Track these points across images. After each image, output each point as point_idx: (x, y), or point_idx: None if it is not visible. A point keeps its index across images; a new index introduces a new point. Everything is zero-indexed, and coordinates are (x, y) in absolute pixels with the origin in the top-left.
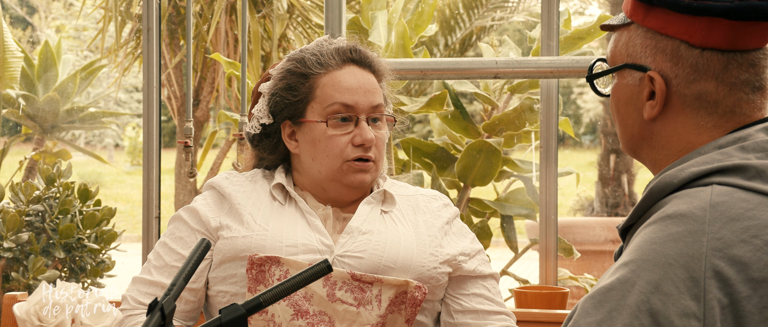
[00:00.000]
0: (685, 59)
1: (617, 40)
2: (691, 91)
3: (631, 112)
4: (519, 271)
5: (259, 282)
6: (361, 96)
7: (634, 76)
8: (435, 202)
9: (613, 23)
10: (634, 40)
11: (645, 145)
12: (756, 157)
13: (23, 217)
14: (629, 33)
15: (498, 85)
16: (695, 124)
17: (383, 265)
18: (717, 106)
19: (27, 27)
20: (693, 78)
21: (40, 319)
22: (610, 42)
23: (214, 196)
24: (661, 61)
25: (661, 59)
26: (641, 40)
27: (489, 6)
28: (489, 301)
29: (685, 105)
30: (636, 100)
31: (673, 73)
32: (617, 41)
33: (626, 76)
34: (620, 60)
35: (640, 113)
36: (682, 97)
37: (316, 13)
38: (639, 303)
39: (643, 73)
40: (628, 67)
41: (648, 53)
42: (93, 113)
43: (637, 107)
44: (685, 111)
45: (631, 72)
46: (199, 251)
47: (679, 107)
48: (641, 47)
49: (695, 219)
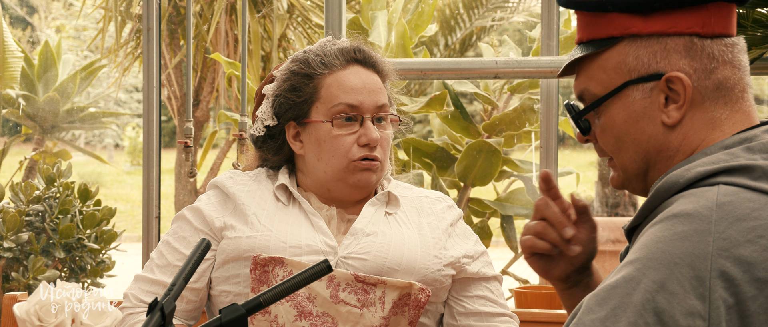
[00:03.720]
0: (700, 51)
1: (602, 66)
2: (712, 81)
3: (644, 128)
4: (519, 271)
5: (262, 282)
6: (365, 96)
7: (641, 89)
8: (439, 204)
9: (586, 53)
10: (632, 54)
11: (660, 160)
12: (762, 158)
13: (23, 217)
14: (621, 50)
15: (498, 85)
16: (711, 118)
17: (387, 267)
18: (732, 92)
19: (27, 27)
20: (712, 67)
21: (40, 319)
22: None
23: (218, 195)
24: (676, 60)
25: (676, 58)
26: (644, 49)
27: (489, 6)
28: (492, 303)
29: (704, 98)
30: (649, 113)
31: (691, 68)
32: (603, 66)
33: (630, 94)
34: (616, 81)
35: (657, 124)
36: (702, 90)
37: (316, 13)
38: (644, 301)
39: (656, 81)
40: (632, 84)
41: (659, 58)
42: (93, 113)
43: (653, 119)
44: (705, 105)
45: (636, 87)
46: (199, 251)
47: (699, 102)
48: (647, 56)
49: (701, 218)
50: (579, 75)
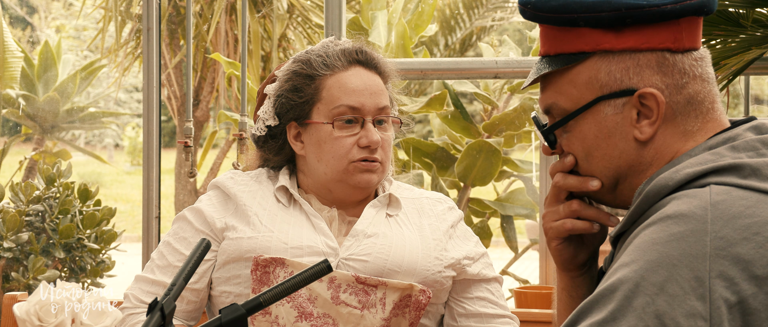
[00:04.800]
0: (672, 66)
1: (572, 81)
2: (683, 97)
3: (616, 143)
4: (519, 271)
5: (263, 283)
6: (367, 98)
7: (613, 104)
8: (440, 206)
9: (553, 68)
10: (604, 70)
11: (631, 174)
12: (748, 156)
13: (23, 217)
14: (593, 65)
15: (498, 85)
16: (683, 131)
17: (388, 268)
18: (702, 105)
19: (27, 27)
20: (684, 82)
21: (40, 319)
22: (554, 89)
23: (219, 196)
24: (649, 76)
25: (648, 74)
26: (616, 65)
27: (489, 6)
28: (493, 304)
29: (676, 113)
30: (621, 128)
31: (663, 84)
32: (572, 81)
33: (602, 110)
34: (587, 97)
35: (629, 140)
36: (674, 105)
37: (316, 13)
38: (644, 305)
39: (628, 97)
40: (604, 99)
41: (631, 74)
42: (93, 113)
43: (624, 135)
44: (676, 120)
45: (607, 103)
46: (199, 251)
47: (671, 117)
48: (620, 71)
49: (697, 218)
50: (546, 89)
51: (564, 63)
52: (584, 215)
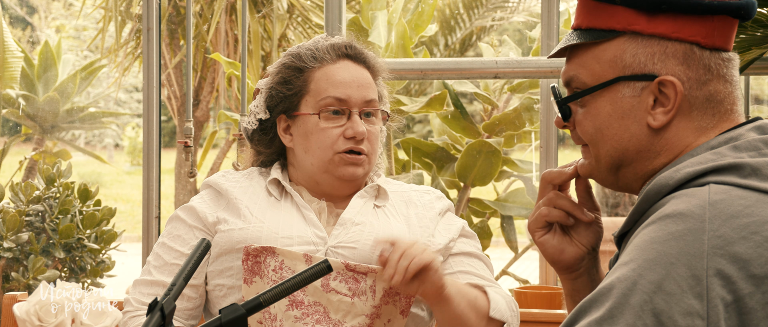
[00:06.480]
0: (697, 61)
1: (597, 56)
2: (703, 93)
3: (628, 126)
4: (519, 271)
5: (254, 273)
6: (354, 90)
7: (632, 87)
8: (427, 196)
9: (583, 41)
10: (630, 51)
11: (638, 159)
12: (749, 156)
13: (23, 217)
14: (620, 45)
15: (498, 85)
16: (697, 127)
17: (376, 255)
18: (721, 105)
19: (27, 27)
20: (706, 79)
21: (40, 319)
22: (578, 62)
23: (211, 194)
24: (672, 66)
25: (672, 63)
26: (643, 48)
27: (489, 6)
28: (475, 276)
29: (693, 108)
30: (636, 111)
31: (685, 76)
32: (597, 57)
33: (620, 90)
34: (609, 75)
35: (642, 125)
36: (691, 99)
37: (316, 13)
38: (642, 303)
39: (648, 82)
40: (624, 80)
41: (656, 60)
42: (93, 113)
43: (638, 119)
44: (692, 114)
45: (627, 84)
46: (199, 251)
47: (687, 110)
48: (645, 55)
49: (695, 217)
50: (570, 60)
51: (593, 37)
52: (558, 205)
